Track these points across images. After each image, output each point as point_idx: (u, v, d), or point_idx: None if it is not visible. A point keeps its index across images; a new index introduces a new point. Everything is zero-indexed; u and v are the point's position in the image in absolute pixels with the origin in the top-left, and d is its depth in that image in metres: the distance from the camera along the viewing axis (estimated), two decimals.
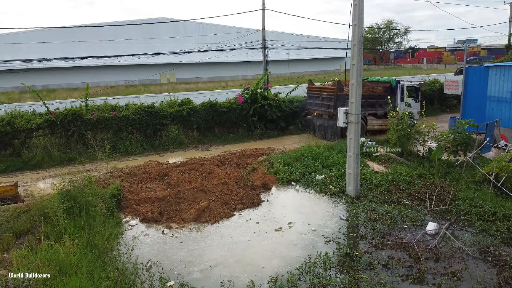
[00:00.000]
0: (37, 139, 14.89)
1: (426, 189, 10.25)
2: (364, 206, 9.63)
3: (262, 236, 8.36)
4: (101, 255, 7.29)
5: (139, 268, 7.08)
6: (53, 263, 6.47)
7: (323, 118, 18.02)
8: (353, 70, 9.86)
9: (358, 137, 10.26)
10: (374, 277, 6.55)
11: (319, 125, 18.12)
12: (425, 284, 6.41)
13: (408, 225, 8.52)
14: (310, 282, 6.43)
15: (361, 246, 7.73)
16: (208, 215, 9.35)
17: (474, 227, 8.28)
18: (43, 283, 5.98)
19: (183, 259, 7.46)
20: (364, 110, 16.98)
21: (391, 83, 18.23)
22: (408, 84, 18.73)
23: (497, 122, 12.81)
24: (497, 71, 13.83)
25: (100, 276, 6.40)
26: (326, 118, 17.76)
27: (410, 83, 19.08)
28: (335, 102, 16.92)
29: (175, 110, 17.19)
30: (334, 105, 16.91)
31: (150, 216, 9.38)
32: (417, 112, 18.32)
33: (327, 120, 17.66)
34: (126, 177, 12.19)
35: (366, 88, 17.90)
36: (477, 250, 7.34)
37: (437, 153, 11.92)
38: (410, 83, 19.13)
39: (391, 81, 18.37)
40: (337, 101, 16.85)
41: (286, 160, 13.02)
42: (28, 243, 7.43)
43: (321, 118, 18.12)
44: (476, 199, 9.26)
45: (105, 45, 40.55)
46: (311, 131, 18.84)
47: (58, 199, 8.48)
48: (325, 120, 17.81)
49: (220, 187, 10.72)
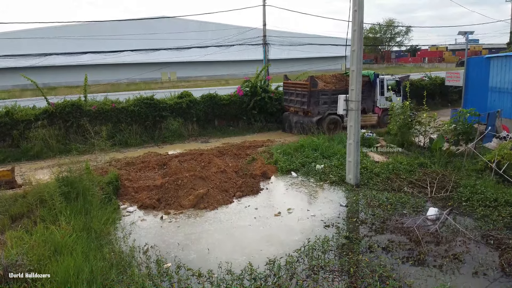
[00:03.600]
0: (36, 130, 14.83)
1: (427, 177, 10.14)
2: (364, 194, 9.53)
3: (260, 222, 8.27)
4: (97, 238, 7.20)
5: (136, 251, 6.99)
6: (48, 244, 6.39)
7: (298, 115, 17.32)
8: (353, 56, 9.77)
9: (358, 125, 10.16)
10: (374, 259, 6.45)
11: (295, 122, 17.39)
12: (426, 266, 6.30)
13: (409, 211, 8.42)
14: (308, 264, 6.34)
15: (360, 230, 7.63)
16: (207, 201, 9.26)
17: (476, 212, 8.16)
18: (37, 262, 5.89)
19: (180, 243, 7.37)
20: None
21: (369, 77, 17.44)
22: (388, 77, 18.08)
23: (498, 112, 12.70)
24: (498, 62, 13.71)
25: (96, 257, 6.31)
26: (302, 115, 17.09)
27: (391, 77, 18.45)
28: (309, 98, 16.31)
29: (174, 102, 17.12)
30: (308, 102, 16.35)
31: (148, 203, 9.30)
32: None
33: (303, 117, 16.97)
34: (125, 167, 12.12)
35: (344, 84, 17.06)
36: (479, 234, 7.23)
37: (438, 143, 11.81)
38: (391, 77, 18.50)
39: (369, 75, 17.51)
40: (310, 97, 16.27)
41: (286, 151, 12.95)
42: (23, 226, 7.35)
43: (297, 114, 17.42)
44: (478, 186, 9.15)
45: (106, 43, 40.54)
46: (288, 128, 17.99)
47: (55, 184, 8.41)
48: (301, 117, 17.10)
49: (219, 175, 10.63)
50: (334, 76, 18.04)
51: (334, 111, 16.22)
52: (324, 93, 16.50)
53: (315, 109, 16.46)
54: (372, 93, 17.62)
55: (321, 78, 17.45)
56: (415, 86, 20.33)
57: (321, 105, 16.49)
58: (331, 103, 16.40)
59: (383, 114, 17.58)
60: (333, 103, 16.21)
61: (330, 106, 16.48)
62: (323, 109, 16.52)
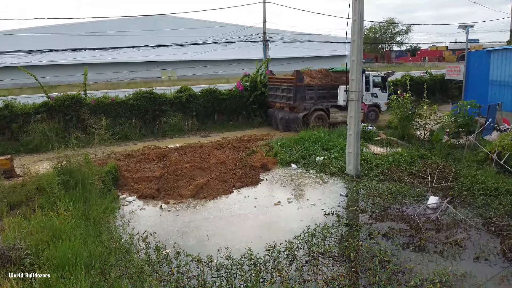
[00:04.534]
0: (35, 124, 14.79)
1: (427, 168, 10.10)
2: (364, 184, 9.48)
3: (260, 210, 8.23)
4: (96, 226, 7.16)
5: (135, 238, 6.95)
6: (47, 230, 6.34)
7: (284, 111, 16.77)
8: (354, 47, 9.73)
9: (359, 116, 10.12)
10: (374, 245, 6.40)
11: (280, 118, 16.80)
12: (427, 252, 6.26)
13: (409, 200, 8.38)
14: (308, 250, 6.30)
15: (360, 218, 7.60)
16: (207, 191, 9.22)
17: (477, 201, 8.11)
18: (35, 247, 5.84)
19: (179, 230, 7.34)
20: (327, 102, 16.34)
21: None
22: (374, 73, 17.69)
23: (499, 105, 12.65)
24: (499, 55, 13.67)
25: (94, 242, 6.27)
26: (288, 111, 16.56)
27: (376, 73, 18.04)
28: (295, 93, 15.82)
29: (174, 96, 17.07)
30: (294, 97, 15.87)
31: (147, 193, 9.26)
32: (384, 103, 17.32)
33: (289, 113, 16.42)
34: (124, 159, 12.07)
35: (329, 79, 16.94)
36: (480, 222, 7.19)
37: (438, 135, 11.77)
38: (377, 73, 18.08)
39: None
40: (296, 92, 15.80)
41: (286, 143, 12.91)
42: (22, 213, 7.30)
43: (283, 110, 16.88)
44: (478, 176, 9.11)
45: (106, 41, 40.46)
46: (274, 124, 17.45)
47: (53, 173, 8.37)
48: (287, 113, 16.53)
49: (218, 166, 10.59)
50: (320, 71, 17.72)
51: (320, 106, 16.12)
52: (310, 88, 16.16)
53: (301, 104, 16.01)
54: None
55: (306, 74, 17.02)
56: (415, 82, 20.28)
57: (307, 101, 16.10)
58: (317, 99, 16.17)
59: (368, 110, 17.25)
60: (319, 98, 16.09)
61: (316, 102, 16.19)
62: (309, 104, 16.10)
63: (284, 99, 16.69)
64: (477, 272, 5.62)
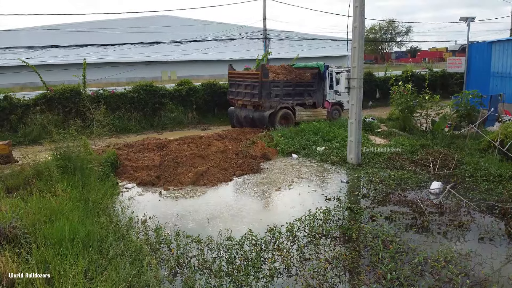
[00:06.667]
0: (34, 115, 14.70)
1: (429, 156, 10.00)
2: (365, 171, 9.39)
3: (261, 195, 8.15)
4: (94, 209, 7.06)
5: (134, 221, 6.84)
6: (44, 211, 6.25)
7: (247, 109, 15.31)
8: (355, 33, 9.65)
9: (360, 103, 10.03)
10: (377, 227, 6.31)
11: (244, 117, 15.37)
12: (430, 233, 6.17)
13: (412, 186, 8.28)
14: (309, 231, 6.20)
15: (362, 203, 7.50)
16: (207, 178, 9.12)
17: (480, 187, 8.02)
18: (32, 226, 5.74)
19: (179, 213, 7.24)
20: (292, 100, 15.13)
21: (320, 69, 15.71)
22: (337, 70, 16.39)
23: (501, 96, 12.58)
24: (500, 46, 13.59)
25: (93, 221, 6.18)
26: (251, 109, 15.12)
27: (339, 69, 16.73)
28: (260, 89, 14.33)
29: (174, 89, 17.02)
30: (259, 94, 14.36)
31: (147, 180, 9.17)
32: (347, 101, 14.27)
33: (253, 112, 14.98)
34: (124, 148, 11.98)
35: (293, 75, 15.50)
36: (483, 205, 7.10)
37: (440, 124, 11.69)
38: (340, 69, 16.75)
39: (319, 66, 15.77)
40: (262, 88, 14.33)
41: (286, 134, 12.83)
42: (19, 196, 7.20)
43: (246, 109, 15.40)
44: (481, 163, 9.03)
45: (107, 40, 40.38)
46: (237, 124, 15.89)
47: (52, 159, 8.28)
48: (251, 111, 15.09)
49: (219, 155, 10.49)
50: (283, 67, 16.33)
51: (286, 104, 14.96)
52: (276, 85, 14.73)
53: (267, 102, 14.52)
54: (322, 86, 15.94)
55: (270, 69, 15.50)
56: (416, 77, 20.17)
57: (273, 98, 14.66)
58: (283, 96, 14.89)
59: (332, 108, 16.27)
60: (285, 95, 14.92)
61: (282, 99, 14.85)
62: (275, 102, 14.69)
63: (248, 96, 15.09)
64: (482, 251, 5.53)
